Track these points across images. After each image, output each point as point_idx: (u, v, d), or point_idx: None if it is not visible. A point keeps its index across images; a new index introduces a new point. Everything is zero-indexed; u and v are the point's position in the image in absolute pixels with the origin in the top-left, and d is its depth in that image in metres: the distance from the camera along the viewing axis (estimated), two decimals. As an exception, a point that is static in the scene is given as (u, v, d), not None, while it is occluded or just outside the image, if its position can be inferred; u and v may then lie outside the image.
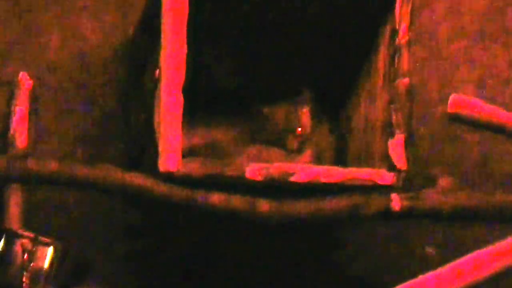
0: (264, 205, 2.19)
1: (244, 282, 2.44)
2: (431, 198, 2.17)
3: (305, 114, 2.37)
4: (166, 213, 2.32)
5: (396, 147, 2.20)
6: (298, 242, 2.43)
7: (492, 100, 2.31)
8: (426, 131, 2.45)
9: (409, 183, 2.21)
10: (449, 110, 1.93)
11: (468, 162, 2.42)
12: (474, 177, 2.41)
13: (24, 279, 2.05)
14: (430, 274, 1.85)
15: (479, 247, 1.92)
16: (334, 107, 2.41)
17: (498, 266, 1.91)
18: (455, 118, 1.94)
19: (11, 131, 2.26)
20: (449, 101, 1.93)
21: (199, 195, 2.14)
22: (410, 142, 2.22)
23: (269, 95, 2.38)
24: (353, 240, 2.46)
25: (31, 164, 2.10)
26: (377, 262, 2.44)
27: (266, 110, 2.37)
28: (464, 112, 1.94)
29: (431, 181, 2.29)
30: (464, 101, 1.93)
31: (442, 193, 2.20)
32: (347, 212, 2.19)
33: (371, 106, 2.31)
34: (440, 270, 1.87)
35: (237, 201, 2.17)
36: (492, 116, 1.94)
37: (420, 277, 1.86)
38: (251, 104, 2.40)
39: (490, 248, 1.89)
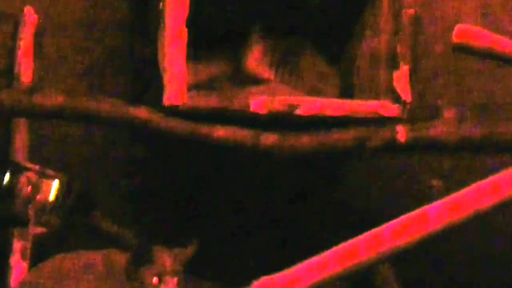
0: (268, 139, 2.20)
1: (247, 216, 2.46)
2: (436, 129, 2.17)
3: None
4: (171, 147, 2.33)
5: (400, 79, 2.20)
6: (301, 176, 2.44)
7: (497, 29, 2.29)
8: (431, 63, 2.44)
9: (414, 115, 2.23)
10: (454, 40, 1.92)
11: (472, 93, 2.41)
12: (479, 108, 2.41)
13: (29, 211, 2.08)
14: (433, 204, 1.86)
15: (484, 179, 1.92)
16: (339, 41, 2.41)
17: (502, 195, 1.91)
18: (460, 48, 1.93)
19: (16, 66, 2.27)
20: (454, 31, 1.91)
21: (204, 129, 2.19)
22: (414, 74, 2.22)
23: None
24: (358, 173, 2.46)
25: (36, 98, 2.12)
26: (383, 195, 2.45)
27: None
28: (469, 41, 1.92)
29: (436, 113, 2.29)
30: (469, 30, 1.91)
31: (447, 124, 2.20)
32: (352, 145, 2.20)
33: (375, 39, 2.29)
34: (443, 200, 1.87)
35: (241, 135, 2.18)
36: (497, 45, 1.92)
37: (424, 207, 1.87)
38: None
39: (493, 177, 1.89)
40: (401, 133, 2.14)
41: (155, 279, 1.76)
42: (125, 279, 1.77)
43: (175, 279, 1.78)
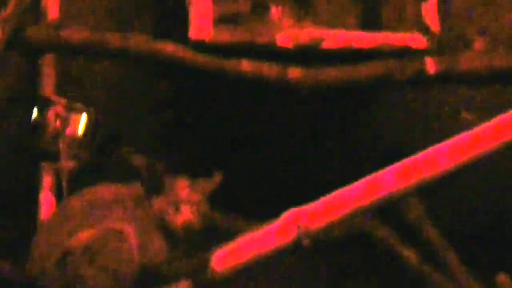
0: (295, 72, 2.19)
1: (275, 150, 2.47)
2: (466, 60, 2.15)
3: None
4: (198, 82, 2.33)
5: (429, 10, 2.18)
6: (329, 111, 2.43)
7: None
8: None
9: (444, 46, 2.21)
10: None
11: (503, 22, 2.38)
12: (509, 38, 2.38)
13: (58, 146, 2.09)
14: (463, 134, 1.85)
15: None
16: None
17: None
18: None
19: (43, 2, 2.27)
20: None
21: (230, 63, 2.17)
22: (443, 4, 2.20)
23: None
24: (387, 106, 2.46)
25: (64, 33, 2.14)
26: (412, 128, 2.44)
27: None
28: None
29: (466, 43, 2.27)
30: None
31: (478, 55, 2.19)
32: (381, 78, 2.19)
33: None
34: (473, 131, 1.86)
35: (268, 69, 2.17)
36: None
37: (454, 138, 1.86)
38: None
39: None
40: (430, 65, 2.12)
41: (171, 208, 1.77)
42: (142, 208, 1.78)
43: (192, 208, 1.76)
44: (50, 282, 1.71)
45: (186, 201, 1.76)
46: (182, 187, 1.78)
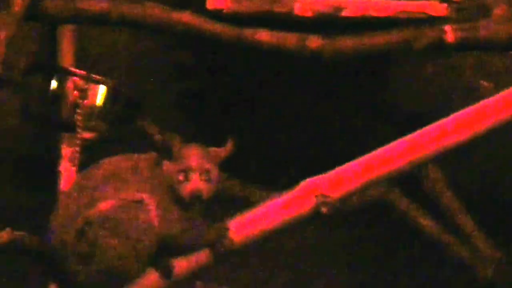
0: (314, 41, 2.17)
1: (290, 121, 2.47)
2: (486, 27, 2.13)
3: None
4: (215, 52, 2.33)
5: (448, -23, 2.19)
6: (348, 80, 2.42)
7: None
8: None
9: (463, 13, 2.19)
10: None
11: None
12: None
13: (77, 116, 2.10)
14: (481, 102, 1.84)
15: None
16: None
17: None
18: None
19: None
20: None
21: (248, 33, 2.16)
22: (463, -29, 2.19)
23: None
24: (406, 74, 2.45)
25: (82, 4, 2.13)
26: (430, 96, 2.43)
27: None
28: None
29: (485, 11, 2.25)
30: None
31: (497, 23, 2.16)
32: (400, 46, 2.17)
33: None
34: (491, 98, 1.85)
35: (286, 38, 2.16)
36: None
37: (473, 105, 1.85)
38: None
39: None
40: (449, 33, 2.10)
41: (181, 176, 1.75)
42: (158, 177, 1.77)
43: (202, 177, 1.75)
44: (70, 252, 1.71)
45: (196, 169, 1.76)
46: (193, 155, 1.78)
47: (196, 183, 1.75)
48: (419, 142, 1.81)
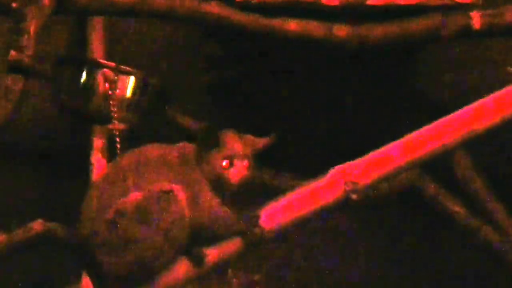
0: (341, 30, 2.18)
1: (319, 109, 2.47)
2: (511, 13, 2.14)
3: None
4: (244, 43, 2.34)
5: (475, -37, 2.18)
6: (375, 69, 2.42)
7: None
8: None
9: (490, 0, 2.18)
10: None
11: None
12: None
13: (107, 108, 2.12)
14: (509, 88, 1.83)
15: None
16: None
17: None
18: None
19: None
20: None
21: (276, 23, 2.16)
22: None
23: None
24: (433, 61, 2.44)
25: (110, -3, 2.22)
26: (458, 83, 2.43)
27: None
28: None
29: (511, -4, 2.24)
30: None
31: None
32: (427, 34, 2.16)
33: None
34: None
35: (314, 27, 2.16)
36: None
37: (500, 90, 1.85)
38: None
39: None
40: (476, 20, 2.10)
41: (225, 162, 1.76)
42: (195, 164, 1.78)
43: (246, 162, 1.76)
44: (102, 242, 1.71)
45: (240, 155, 1.76)
46: (236, 141, 1.77)
47: (243, 169, 1.76)
48: (447, 128, 1.81)
